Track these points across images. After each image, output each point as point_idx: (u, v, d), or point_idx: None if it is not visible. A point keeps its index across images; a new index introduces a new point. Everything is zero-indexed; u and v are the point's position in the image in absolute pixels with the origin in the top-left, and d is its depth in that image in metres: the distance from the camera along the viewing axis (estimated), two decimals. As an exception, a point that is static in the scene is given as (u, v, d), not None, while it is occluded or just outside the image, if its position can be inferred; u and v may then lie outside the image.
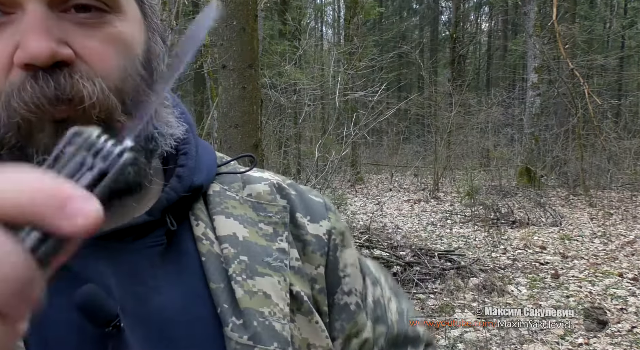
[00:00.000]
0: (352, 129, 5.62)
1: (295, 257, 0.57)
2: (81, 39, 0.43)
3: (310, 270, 0.59)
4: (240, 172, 0.61)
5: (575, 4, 13.09)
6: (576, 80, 9.95)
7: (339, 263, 0.62)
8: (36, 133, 0.42)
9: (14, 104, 0.41)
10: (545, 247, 6.12)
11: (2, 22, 0.42)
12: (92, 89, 0.42)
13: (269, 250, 0.55)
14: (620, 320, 3.90)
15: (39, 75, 0.41)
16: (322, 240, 0.60)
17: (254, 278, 0.52)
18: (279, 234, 0.57)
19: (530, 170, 10.85)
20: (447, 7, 24.10)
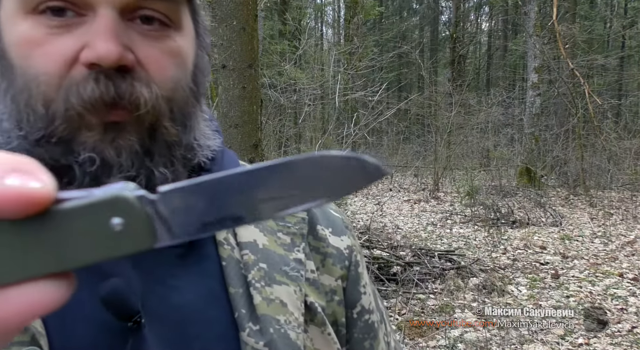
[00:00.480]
0: (352, 129, 5.62)
1: (311, 269, 0.58)
2: (144, 47, 0.45)
3: (329, 282, 0.60)
4: None
5: (575, 4, 13.09)
6: (576, 80, 9.95)
7: (360, 279, 0.63)
8: (85, 130, 0.44)
9: (72, 99, 0.43)
10: (545, 247, 6.12)
11: (73, 22, 0.44)
12: (148, 95, 0.45)
13: (286, 259, 0.56)
14: (621, 321, 3.90)
15: (101, 77, 0.43)
16: (343, 254, 0.61)
17: (271, 285, 0.53)
18: (296, 244, 0.58)
19: (531, 170, 10.85)
20: (447, 7, 24.11)
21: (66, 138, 0.44)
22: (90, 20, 0.43)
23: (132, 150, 0.45)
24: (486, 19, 22.93)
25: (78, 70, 0.43)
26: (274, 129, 10.73)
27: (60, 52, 0.43)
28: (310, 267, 0.58)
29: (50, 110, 0.44)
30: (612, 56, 14.99)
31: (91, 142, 0.44)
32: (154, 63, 0.46)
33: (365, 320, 0.63)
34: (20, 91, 0.44)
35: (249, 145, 3.95)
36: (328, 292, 0.59)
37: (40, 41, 0.43)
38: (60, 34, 0.43)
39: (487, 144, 12.88)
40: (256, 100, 4.03)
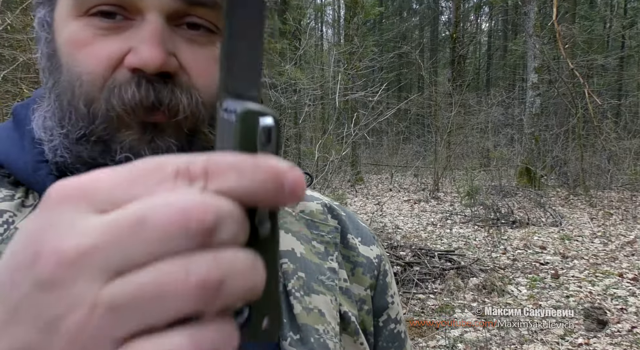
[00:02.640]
0: (352, 129, 5.63)
1: (343, 278, 0.58)
2: (188, 53, 0.46)
3: (358, 291, 0.60)
4: None
5: (575, 4, 13.10)
6: (576, 80, 9.95)
7: (388, 289, 0.64)
8: (124, 130, 0.45)
9: (113, 101, 0.44)
10: (545, 247, 6.12)
11: (121, 26, 0.45)
12: (188, 102, 0.45)
13: (322, 268, 0.56)
14: (620, 321, 3.90)
15: (142, 82, 0.44)
16: (373, 264, 0.62)
17: (310, 295, 0.53)
18: (329, 253, 0.58)
19: (530, 170, 10.85)
20: (447, 7, 24.10)
21: (105, 137, 0.45)
22: (138, 24, 0.45)
23: (169, 152, 0.45)
24: (486, 19, 22.94)
25: (121, 72, 0.44)
26: (274, 129, 10.70)
27: (106, 54, 0.44)
28: (342, 276, 0.58)
29: (91, 110, 0.45)
30: (612, 56, 15.00)
31: (129, 141, 0.45)
32: (197, 69, 0.46)
33: (391, 329, 0.64)
34: (64, 90, 0.46)
35: (249, 145, 3.95)
36: (358, 301, 0.60)
37: (87, 42, 0.45)
38: (108, 36, 0.45)
39: (487, 144, 12.89)
40: (256, 100, 4.03)
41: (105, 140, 0.45)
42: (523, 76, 17.70)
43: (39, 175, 0.48)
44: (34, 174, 0.48)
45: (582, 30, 12.53)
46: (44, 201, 0.21)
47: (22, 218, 0.47)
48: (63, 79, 0.46)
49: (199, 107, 0.46)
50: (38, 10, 0.49)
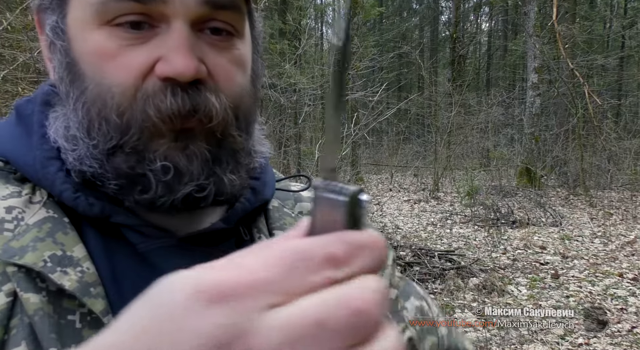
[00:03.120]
0: (352, 129, 5.63)
1: None
2: (213, 58, 0.47)
3: None
4: (295, 191, 0.64)
5: (575, 4, 13.09)
6: (576, 80, 9.95)
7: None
8: (157, 139, 0.45)
9: (149, 111, 0.44)
10: (545, 247, 6.12)
11: (147, 35, 0.45)
12: (219, 106, 0.46)
13: None
14: (621, 321, 3.90)
15: (177, 91, 0.44)
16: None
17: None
18: None
19: (530, 170, 10.85)
20: (447, 7, 24.10)
21: (139, 147, 0.45)
22: (164, 32, 0.45)
23: (202, 157, 0.46)
24: (486, 19, 22.93)
25: (152, 82, 0.44)
26: (274, 129, 10.73)
27: (135, 65, 0.44)
28: None
29: (124, 121, 0.45)
30: (612, 56, 14.98)
31: (163, 150, 0.45)
32: (222, 73, 0.47)
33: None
34: (93, 101, 0.45)
35: (249, 145, 3.96)
36: None
37: (114, 53, 0.44)
38: (135, 46, 0.45)
39: (487, 144, 12.89)
40: (256, 100, 4.03)
41: (139, 151, 0.45)
42: (523, 76, 17.71)
43: (48, 172, 0.48)
44: (42, 170, 0.48)
45: (582, 30, 12.52)
46: (173, 299, 0.22)
47: (32, 214, 0.47)
48: (90, 90, 0.46)
49: (227, 111, 0.47)
50: (47, 15, 0.49)
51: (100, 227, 0.49)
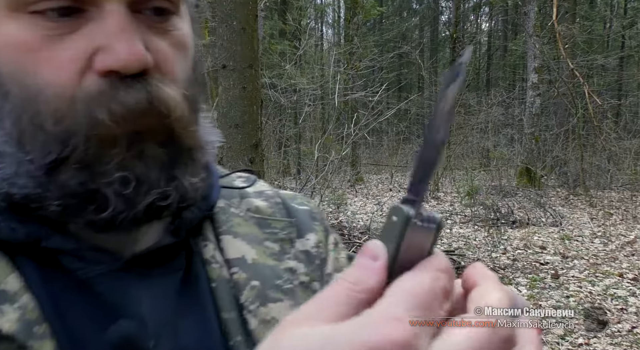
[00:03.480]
0: (352, 129, 5.63)
1: (304, 272, 0.53)
2: (156, 43, 0.40)
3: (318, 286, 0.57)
4: (240, 188, 0.56)
5: (575, 4, 13.09)
6: (576, 80, 9.95)
7: (326, 270, 0.58)
8: (109, 146, 0.38)
9: (97, 114, 0.36)
10: (545, 247, 6.12)
11: (76, 22, 0.37)
12: (176, 97, 0.40)
13: (277, 271, 0.51)
14: (621, 321, 3.90)
15: (126, 84, 0.37)
16: (312, 255, 0.56)
17: (267, 305, 0.48)
18: (286, 251, 0.53)
19: (530, 170, 10.85)
20: (447, 7, 24.10)
21: (88, 159, 0.38)
22: (96, 17, 0.37)
23: (159, 162, 0.40)
24: (486, 19, 22.94)
25: (91, 78, 0.37)
26: (274, 129, 10.74)
27: (67, 59, 0.37)
28: (302, 270, 0.53)
29: (64, 129, 0.37)
30: (612, 56, 14.98)
31: (118, 159, 0.38)
32: (166, 60, 0.40)
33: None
34: (22, 107, 0.38)
35: (249, 145, 3.95)
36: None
37: (38, 47, 0.37)
38: (62, 36, 0.37)
39: (487, 144, 12.89)
40: (256, 100, 4.03)
41: (89, 163, 0.38)
42: (523, 76, 17.70)
43: None
44: None
45: (582, 30, 12.53)
46: None
47: None
48: (15, 95, 0.38)
49: (182, 101, 0.40)
50: None
51: (33, 254, 0.40)
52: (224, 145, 3.97)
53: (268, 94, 8.02)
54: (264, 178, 4.19)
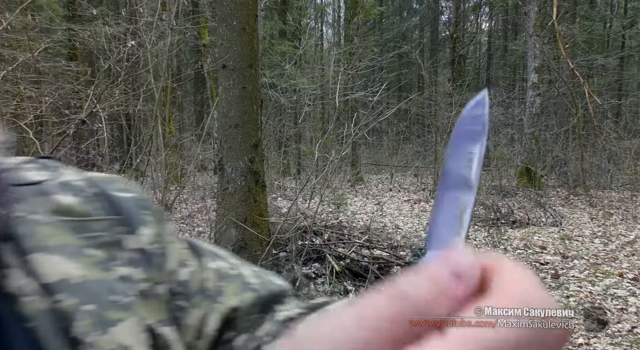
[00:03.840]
0: (352, 129, 5.62)
1: (142, 278, 0.45)
2: None
3: (162, 289, 0.48)
4: (37, 182, 0.44)
5: (575, 4, 13.10)
6: (576, 80, 9.96)
7: (169, 266, 0.50)
8: None
9: None
10: (545, 247, 6.12)
11: None
12: None
13: (110, 284, 0.42)
14: (621, 321, 3.90)
15: None
16: (149, 253, 0.48)
17: (107, 331, 0.39)
18: (114, 257, 0.44)
19: (530, 170, 10.85)
20: (447, 7, 24.09)
21: None
22: None
23: None
24: (486, 19, 22.93)
25: None
26: (274, 129, 10.74)
27: None
28: (139, 275, 0.45)
29: None
30: (612, 56, 14.98)
31: None
32: None
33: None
34: None
35: (249, 145, 3.95)
36: (167, 299, 0.47)
37: None
38: None
39: (487, 144, 12.88)
40: (256, 100, 4.03)
41: None
42: (523, 76, 17.70)
43: None
44: None
45: (582, 30, 12.52)
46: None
47: None
48: None
49: None
50: None
51: None
52: (224, 145, 3.97)
53: (268, 94, 8.02)
54: (264, 178, 4.19)
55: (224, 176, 3.97)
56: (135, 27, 7.30)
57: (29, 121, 5.83)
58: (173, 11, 7.80)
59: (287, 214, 4.91)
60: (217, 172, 4.49)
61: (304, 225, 4.98)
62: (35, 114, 6.02)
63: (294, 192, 8.96)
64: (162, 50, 8.01)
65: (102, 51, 7.84)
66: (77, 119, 5.46)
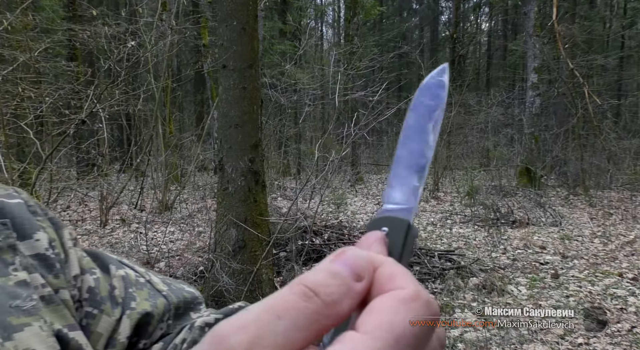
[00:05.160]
0: (352, 129, 5.62)
1: (41, 284, 0.44)
2: None
3: (65, 295, 0.47)
4: None
5: (575, 4, 13.09)
6: (576, 80, 9.96)
7: (71, 272, 0.49)
8: None
9: None
10: (545, 247, 6.12)
11: None
12: None
13: (9, 289, 0.41)
14: (620, 320, 3.90)
15: None
16: (48, 258, 0.47)
17: (12, 337, 0.38)
18: (8, 262, 0.43)
19: (530, 170, 10.86)
20: (447, 7, 24.09)
21: None
22: None
23: None
24: (486, 19, 22.93)
25: None
26: (274, 129, 10.74)
27: None
28: (38, 281, 0.44)
29: None
30: (612, 56, 14.99)
31: None
32: None
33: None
34: None
35: (249, 145, 3.95)
36: (71, 305, 0.46)
37: None
38: None
39: (487, 144, 12.89)
40: (256, 100, 4.03)
41: None
42: (523, 76, 17.69)
43: None
44: None
45: (582, 30, 12.52)
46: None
47: None
48: None
49: None
50: None
51: None
52: (224, 145, 3.97)
53: (268, 94, 8.02)
54: (264, 178, 4.19)
55: (224, 176, 3.97)
56: (135, 27, 7.30)
57: (29, 121, 5.83)
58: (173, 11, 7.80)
59: (287, 214, 4.91)
60: (217, 172, 4.49)
61: (304, 225, 4.98)
62: (35, 114, 6.02)
63: (294, 192, 8.97)
64: (162, 50, 8.01)
65: (102, 51, 7.84)
66: (77, 119, 5.46)
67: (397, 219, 0.26)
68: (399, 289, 0.21)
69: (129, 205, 8.58)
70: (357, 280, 0.21)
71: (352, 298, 0.21)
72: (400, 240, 0.25)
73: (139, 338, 0.52)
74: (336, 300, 0.20)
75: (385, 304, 0.20)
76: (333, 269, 0.21)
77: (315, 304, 0.20)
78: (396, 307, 0.20)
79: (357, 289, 0.21)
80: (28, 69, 6.27)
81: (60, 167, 9.14)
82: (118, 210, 8.18)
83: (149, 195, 8.97)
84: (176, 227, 6.96)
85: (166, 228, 6.60)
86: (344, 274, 0.21)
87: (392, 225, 0.26)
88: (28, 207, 0.48)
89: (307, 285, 0.21)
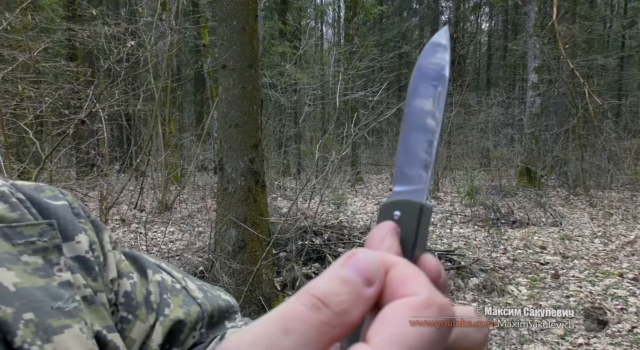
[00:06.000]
0: (352, 129, 5.62)
1: (83, 284, 0.44)
2: None
3: (104, 298, 0.48)
4: None
5: (575, 4, 13.09)
6: (576, 80, 9.95)
7: (109, 276, 0.50)
8: None
9: None
10: (545, 247, 6.12)
11: None
12: None
13: (52, 290, 0.41)
14: (621, 321, 3.90)
15: None
16: (88, 261, 0.47)
17: (51, 339, 0.38)
18: (53, 262, 0.43)
19: (530, 170, 10.85)
20: (447, 7, 24.09)
21: None
22: None
23: None
24: (486, 19, 22.93)
25: None
26: (274, 129, 10.74)
27: None
28: (80, 281, 0.44)
29: None
30: (612, 56, 14.98)
31: None
32: None
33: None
34: None
35: (249, 145, 3.95)
36: (108, 308, 0.47)
37: None
38: None
39: (487, 144, 12.89)
40: (256, 100, 4.03)
41: None
42: (523, 76, 17.70)
43: None
44: None
45: (582, 30, 12.52)
46: None
47: None
48: None
49: None
50: None
51: None
52: (224, 145, 3.97)
53: (268, 94, 8.02)
54: (264, 178, 4.19)
55: (224, 176, 3.97)
56: (135, 27, 7.30)
57: (29, 121, 5.82)
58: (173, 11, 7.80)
59: (287, 214, 4.91)
60: (217, 172, 4.49)
61: (304, 225, 4.98)
62: (35, 114, 6.02)
63: (294, 192, 8.97)
64: (162, 50, 8.01)
65: (102, 51, 7.84)
66: (77, 119, 5.45)
67: (408, 201, 0.25)
68: (411, 295, 0.20)
69: (128, 205, 8.58)
70: (368, 285, 0.21)
71: (363, 305, 0.20)
72: (413, 226, 0.24)
73: (170, 346, 0.52)
74: (347, 309, 0.20)
75: (397, 314, 0.20)
76: (343, 276, 0.21)
77: (325, 315, 0.20)
78: (408, 317, 0.20)
79: (368, 295, 0.21)
80: (28, 69, 6.27)
81: (60, 167, 9.13)
82: (118, 211, 8.18)
83: (149, 195, 8.97)
84: (176, 227, 6.95)
85: (166, 228, 6.60)
86: (354, 281, 0.21)
87: (404, 210, 0.25)
88: (72, 209, 0.49)
89: (316, 296, 0.20)
